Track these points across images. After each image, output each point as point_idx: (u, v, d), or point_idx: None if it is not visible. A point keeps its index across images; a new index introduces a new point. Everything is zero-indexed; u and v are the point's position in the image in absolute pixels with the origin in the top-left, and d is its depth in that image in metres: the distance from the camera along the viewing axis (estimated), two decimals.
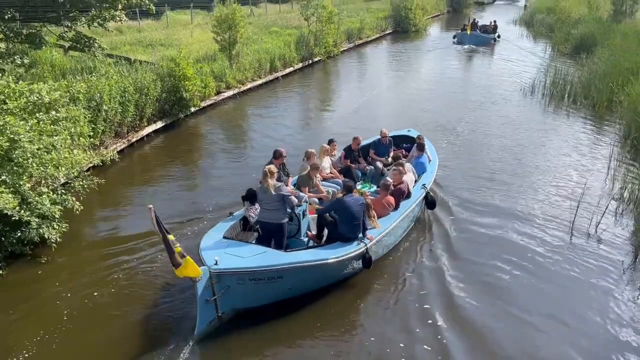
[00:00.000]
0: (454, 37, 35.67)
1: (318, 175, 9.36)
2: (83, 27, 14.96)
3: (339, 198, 7.91)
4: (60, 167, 8.85)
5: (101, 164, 11.13)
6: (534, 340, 6.75)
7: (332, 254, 7.25)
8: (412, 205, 8.84)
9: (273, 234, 7.71)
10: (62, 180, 9.61)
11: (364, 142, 11.11)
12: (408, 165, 9.89)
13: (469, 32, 33.95)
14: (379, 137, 11.18)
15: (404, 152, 11.19)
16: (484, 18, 42.79)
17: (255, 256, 6.94)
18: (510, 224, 9.77)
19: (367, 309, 7.43)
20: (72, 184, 9.56)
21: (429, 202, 9.47)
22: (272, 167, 7.96)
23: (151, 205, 6.05)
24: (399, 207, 8.68)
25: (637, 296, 7.71)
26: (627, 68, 18.12)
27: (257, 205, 8.09)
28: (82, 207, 9.12)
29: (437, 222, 9.82)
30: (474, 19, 37.30)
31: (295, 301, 7.29)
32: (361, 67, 28.17)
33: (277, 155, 9.12)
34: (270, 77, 22.49)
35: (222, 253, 6.83)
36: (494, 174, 12.18)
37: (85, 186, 9.65)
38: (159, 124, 15.46)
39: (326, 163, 10.14)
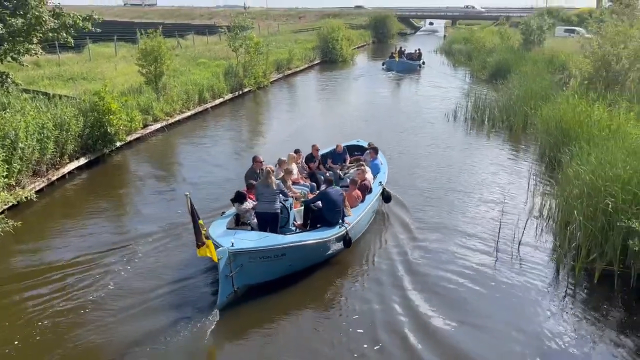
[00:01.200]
0: (383, 65, 37.53)
1: (290, 179, 10.67)
2: None
3: (323, 190, 9.56)
4: None
5: (16, 203, 10.40)
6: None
7: (322, 235, 8.87)
8: (374, 199, 10.66)
9: (269, 222, 9.12)
10: None
11: (322, 152, 12.83)
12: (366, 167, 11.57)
13: (397, 59, 35.70)
14: (335, 148, 12.93)
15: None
16: (409, 47, 44.86)
17: (261, 239, 8.43)
18: (437, 240, 10.27)
19: (347, 282, 8.96)
20: None
21: (385, 196, 11.28)
22: (272, 167, 9.97)
23: (187, 193, 7.59)
24: (365, 199, 10.35)
25: (558, 306, 8.09)
26: (537, 92, 19.42)
27: (244, 205, 9.46)
28: None
29: (393, 215, 11.50)
30: (401, 47, 39.52)
31: (291, 280, 8.65)
32: (292, 96, 28.50)
33: (255, 160, 10.76)
34: (200, 109, 22.21)
35: (234, 238, 8.07)
36: (423, 194, 12.59)
37: None
38: (82, 161, 14.76)
39: (294, 169, 11.37)
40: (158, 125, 18.86)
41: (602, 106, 14.30)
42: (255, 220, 9.40)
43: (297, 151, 11.91)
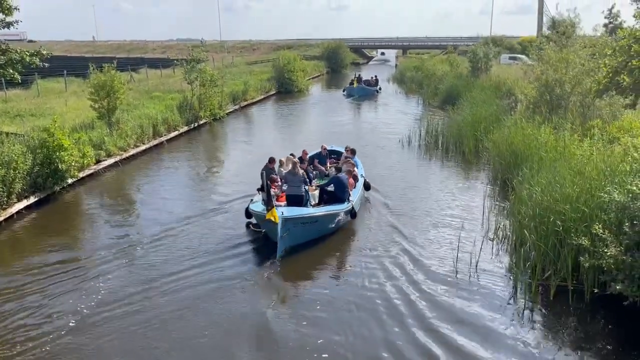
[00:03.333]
0: (343, 91, 40.03)
1: None
2: None
3: (335, 175, 12.48)
4: None
5: None
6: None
7: (339, 207, 11.72)
8: (361, 185, 13.69)
9: (296, 202, 11.78)
10: None
11: (310, 154, 15.51)
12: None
13: (355, 85, 38.59)
14: (320, 150, 16.12)
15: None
16: (364, 75, 46.21)
17: (300, 210, 11.28)
18: (396, 260, 10.37)
19: (353, 242, 11.83)
20: None
21: (366, 185, 14.09)
22: (297, 160, 13.21)
23: (264, 171, 11.55)
24: (356, 186, 13.23)
25: (517, 323, 8.23)
26: (486, 117, 20.10)
27: None
28: None
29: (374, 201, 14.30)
30: (359, 75, 42.49)
31: (317, 243, 11.34)
32: (249, 126, 28.57)
33: (270, 160, 13.20)
34: (155, 142, 21.89)
35: (281, 210, 10.54)
36: (380, 218, 12.73)
37: None
38: (32, 199, 14.19)
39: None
40: (112, 160, 18.43)
41: (548, 129, 14.91)
42: (278, 203, 11.58)
43: (292, 154, 14.52)
